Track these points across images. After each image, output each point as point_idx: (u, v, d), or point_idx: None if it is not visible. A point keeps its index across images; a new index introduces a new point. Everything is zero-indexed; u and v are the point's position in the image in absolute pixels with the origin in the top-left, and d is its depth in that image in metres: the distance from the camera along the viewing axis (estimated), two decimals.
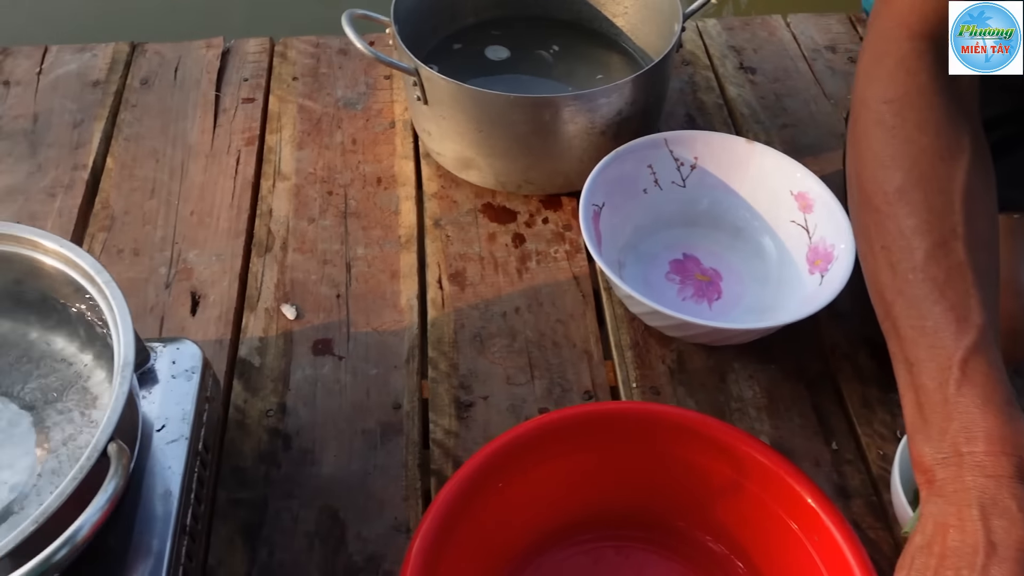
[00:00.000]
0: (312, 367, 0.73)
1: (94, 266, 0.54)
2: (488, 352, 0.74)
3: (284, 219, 0.84)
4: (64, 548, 0.42)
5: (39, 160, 0.89)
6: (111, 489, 0.43)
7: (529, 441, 0.59)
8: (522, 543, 0.61)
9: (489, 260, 0.81)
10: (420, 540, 0.54)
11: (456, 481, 0.56)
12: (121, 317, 0.52)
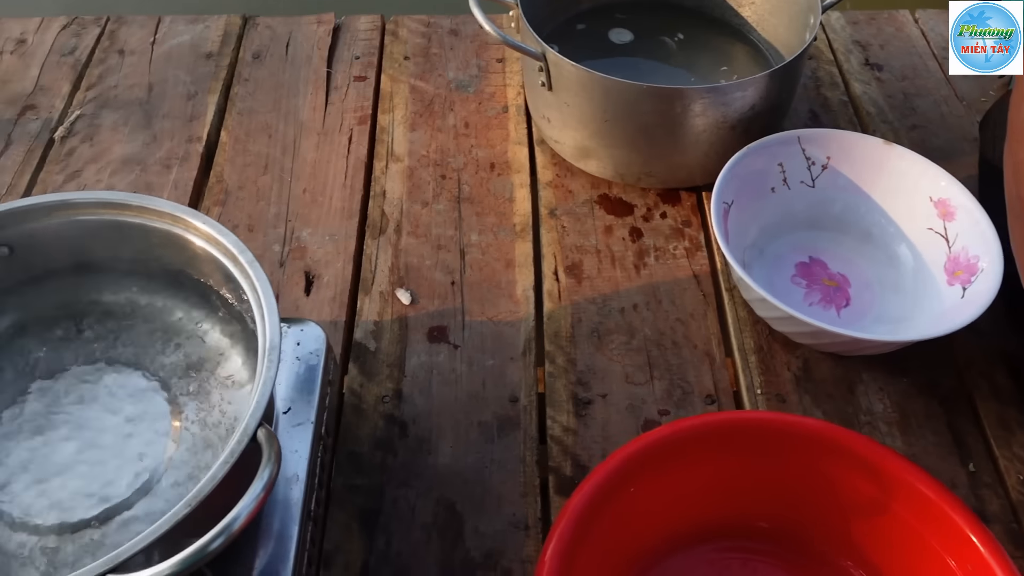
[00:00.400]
0: (428, 354, 0.72)
1: (237, 245, 0.53)
2: (606, 349, 0.72)
3: (398, 201, 0.83)
4: (219, 538, 0.41)
5: (154, 131, 0.89)
6: (266, 476, 0.42)
7: (666, 446, 0.57)
8: (647, 548, 0.59)
9: (606, 254, 0.79)
10: (556, 541, 0.52)
11: (592, 482, 0.55)
12: (266, 299, 0.51)
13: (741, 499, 0.59)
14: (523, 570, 0.61)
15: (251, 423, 0.46)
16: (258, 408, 0.46)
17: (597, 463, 0.66)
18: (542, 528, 0.63)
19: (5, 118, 0.90)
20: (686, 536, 0.60)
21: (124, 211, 0.55)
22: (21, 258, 0.56)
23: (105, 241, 0.56)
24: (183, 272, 0.57)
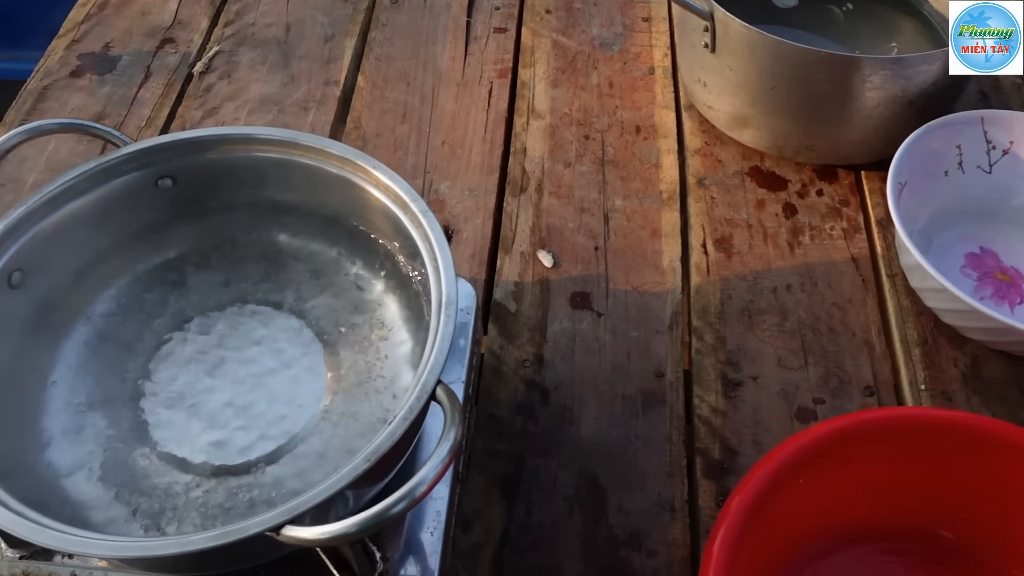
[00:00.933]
0: (570, 320, 0.69)
1: (410, 193, 0.51)
2: (757, 329, 0.69)
3: (539, 160, 0.80)
4: (402, 502, 0.39)
5: (292, 72, 0.87)
6: (452, 439, 0.40)
7: (843, 437, 0.53)
8: (806, 544, 0.56)
9: (758, 229, 0.75)
10: (725, 530, 0.49)
11: (764, 470, 0.51)
12: (440, 250, 0.48)
13: (914, 502, 0.55)
14: (668, 554, 0.58)
15: (430, 380, 0.43)
16: (436, 364, 0.44)
17: (748, 448, 0.63)
18: (689, 512, 0.60)
19: (144, 50, 0.89)
20: (846, 534, 0.57)
21: (295, 150, 0.53)
22: (184, 192, 0.55)
23: (272, 180, 0.54)
24: (347, 218, 0.55)
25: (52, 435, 0.49)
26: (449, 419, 0.41)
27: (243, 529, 0.39)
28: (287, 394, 0.52)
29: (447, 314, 0.46)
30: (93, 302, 0.54)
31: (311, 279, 0.56)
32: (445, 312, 0.46)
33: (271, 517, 0.39)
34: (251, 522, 0.39)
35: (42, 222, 0.51)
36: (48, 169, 0.78)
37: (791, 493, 0.53)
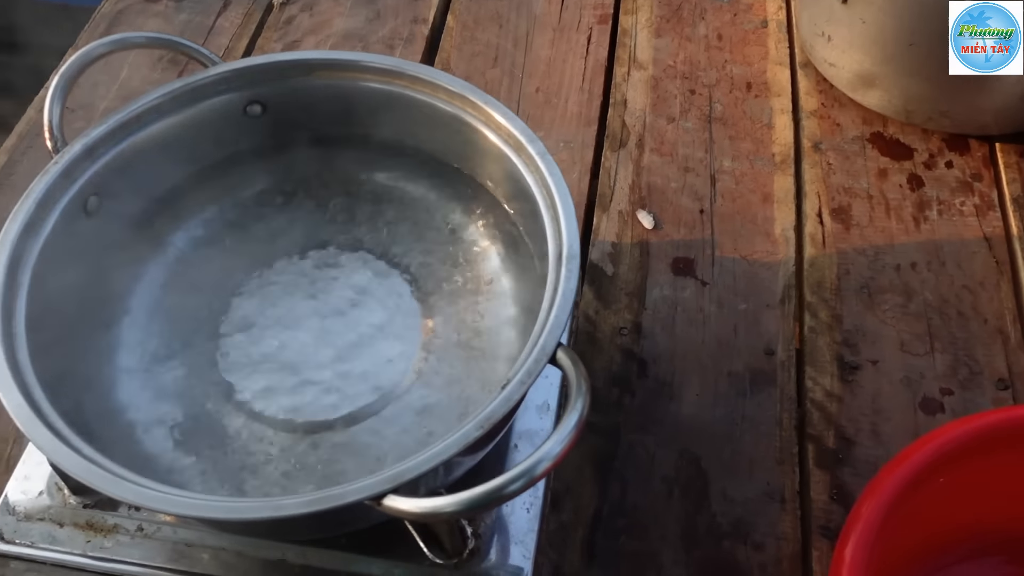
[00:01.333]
0: (671, 288, 0.64)
1: (526, 133, 0.46)
2: (878, 309, 0.63)
3: (640, 113, 0.74)
4: (519, 481, 0.34)
5: (377, 7, 0.82)
6: (578, 412, 0.35)
7: (994, 433, 0.47)
8: (938, 549, 0.50)
9: (879, 200, 0.68)
10: (861, 532, 0.44)
11: (906, 461, 0.46)
12: (561, 198, 0.43)
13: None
14: (776, 548, 0.53)
15: (549, 341, 0.38)
16: (556, 324, 0.39)
17: (865, 438, 0.57)
18: (800, 504, 0.54)
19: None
20: (978, 544, 0.51)
21: (400, 80, 0.48)
22: (274, 120, 0.50)
23: (372, 112, 0.49)
24: (450, 159, 0.50)
25: (124, 379, 0.46)
26: (575, 387, 0.36)
27: (340, 496, 0.34)
28: (376, 348, 0.47)
29: (568, 269, 0.40)
30: (170, 236, 0.50)
31: (406, 224, 0.51)
32: (567, 266, 0.41)
33: (372, 484, 0.34)
34: (350, 488, 0.34)
35: (122, 144, 0.47)
36: (120, 96, 0.74)
37: (927, 496, 0.47)
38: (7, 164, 0.71)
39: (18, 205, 0.43)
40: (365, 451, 0.44)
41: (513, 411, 0.39)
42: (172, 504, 0.35)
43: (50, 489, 0.47)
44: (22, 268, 0.42)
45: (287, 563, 0.45)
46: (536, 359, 0.38)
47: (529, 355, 0.38)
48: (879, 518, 0.44)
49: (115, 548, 0.45)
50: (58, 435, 0.36)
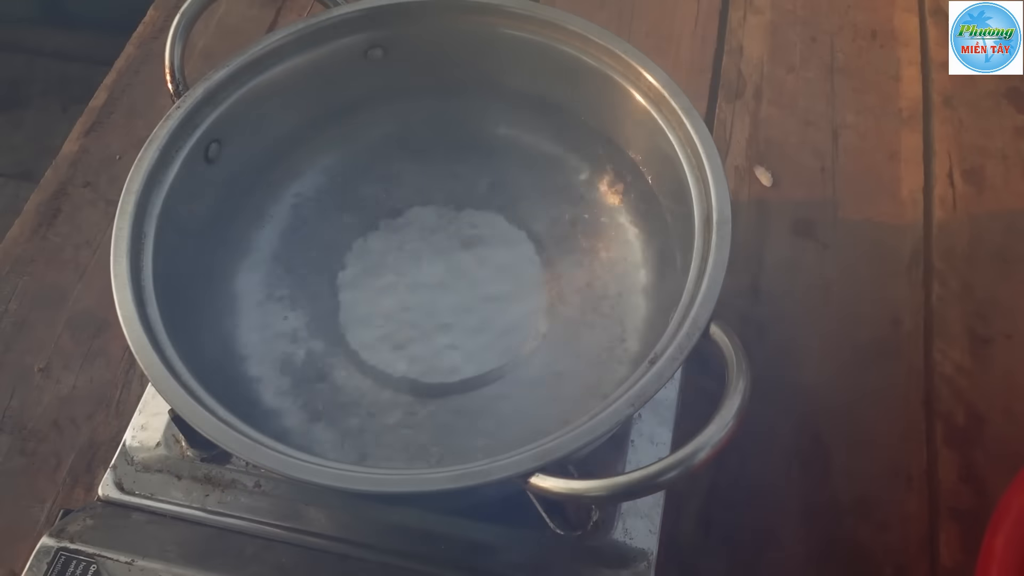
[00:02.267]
0: (791, 250, 0.61)
1: (670, 87, 0.43)
2: (1013, 278, 0.59)
3: (757, 62, 0.70)
4: (674, 471, 0.32)
5: None
6: (741, 393, 0.33)
7: None
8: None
9: (1015, 161, 0.64)
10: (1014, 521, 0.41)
11: None
12: (709, 156, 0.40)
13: None
14: (903, 529, 0.51)
15: (701, 315, 0.36)
16: (709, 297, 0.37)
17: (998, 416, 0.54)
18: (927, 483, 0.52)
19: None
20: None
21: (534, 27, 0.45)
22: (396, 65, 0.48)
23: (503, 62, 0.46)
24: (584, 114, 0.47)
25: (244, 330, 0.45)
26: (735, 368, 0.34)
27: (487, 472, 0.33)
28: (498, 311, 0.46)
29: (720, 235, 0.38)
30: (289, 184, 0.48)
31: (533, 180, 0.48)
32: (718, 232, 0.38)
33: (519, 461, 0.33)
34: (496, 464, 0.33)
35: (243, 88, 0.45)
36: (219, 34, 0.73)
37: None
38: (107, 102, 0.70)
39: (141, 153, 0.42)
40: (489, 417, 0.43)
41: None
42: (311, 473, 0.33)
43: (167, 441, 0.46)
44: (148, 219, 0.41)
45: (407, 527, 0.44)
46: (688, 333, 0.36)
47: (679, 328, 0.36)
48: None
49: (233, 503, 0.45)
50: (193, 395, 0.35)
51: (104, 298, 0.59)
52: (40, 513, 0.52)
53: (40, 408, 0.56)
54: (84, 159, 0.67)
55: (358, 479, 0.33)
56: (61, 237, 0.63)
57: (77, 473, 0.53)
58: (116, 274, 0.38)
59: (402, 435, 0.43)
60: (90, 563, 0.41)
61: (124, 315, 0.37)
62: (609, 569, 0.42)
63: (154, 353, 0.36)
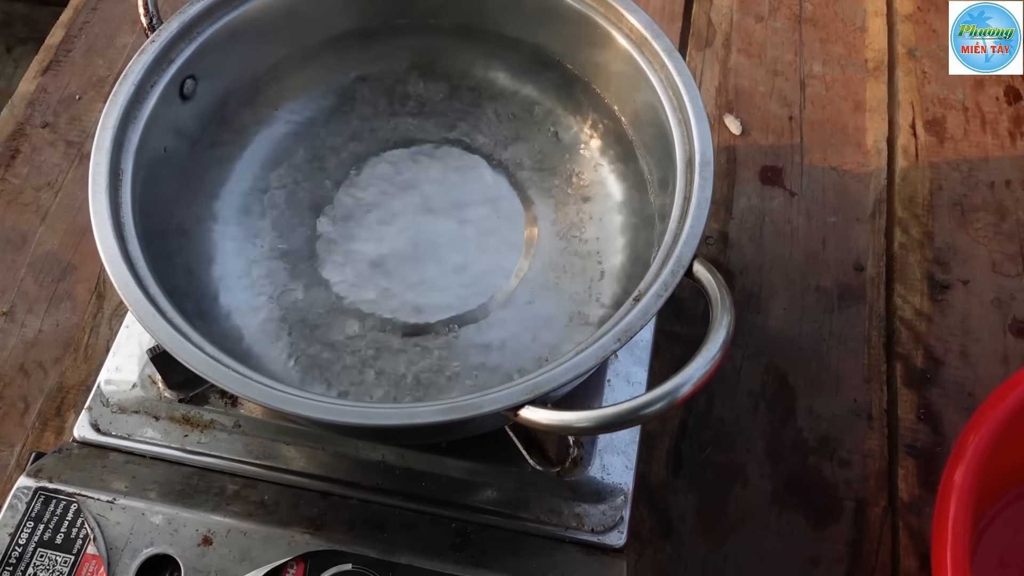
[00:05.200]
0: (759, 197, 0.62)
1: (652, 29, 0.43)
2: (970, 227, 0.61)
3: (727, 10, 0.70)
4: (659, 403, 0.33)
5: None
6: (725, 328, 0.34)
7: None
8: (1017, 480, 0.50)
9: (975, 113, 0.66)
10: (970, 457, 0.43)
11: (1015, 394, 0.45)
12: (691, 99, 0.41)
13: None
14: (863, 466, 0.53)
15: (685, 252, 0.37)
16: (692, 235, 0.37)
17: (954, 359, 0.56)
18: (887, 422, 0.54)
19: None
20: None
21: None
22: (377, 3, 0.47)
23: (483, 4, 0.46)
24: (568, 59, 0.47)
25: (227, 275, 0.44)
26: (719, 304, 0.35)
27: (477, 405, 0.33)
28: (479, 251, 0.46)
29: (703, 176, 0.39)
30: (266, 122, 0.47)
31: (514, 123, 0.48)
32: (700, 173, 0.39)
33: (510, 395, 0.34)
34: (487, 398, 0.33)
35: (218, 23, 0.44)
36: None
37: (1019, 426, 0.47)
38: (64, 39, 0.67)
39: (116, 87, 0.41)
40: (470, 358, 0.43)
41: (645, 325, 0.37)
42: (303, 407, 0.34)
43: (143, 382, 0.46)
44: (124, 155, 0.40)
45: (386, 464, 0.44)
46: (672, 271, 0.36)
47: (663, 266, 0.37)
48: (987, 447, 0.44)
49: (212, 443, 0.45)
50: (180, 332, 0.35)
51: (68, 240, 0.59)
52: (10, 457, 0.52)
53: (5, 352, 0.55)
54: (42, 98, 0.65)
55: (349, 412, 0.34)
56: (20, 179, 0.61)
57: (46, 417, 0.53)
58: (95, 211, 0.37)
59: (387, 373, 0.43)
60: (71, 502, 0.41)
61: (105, 251, 0.36)
62: (587, 503, 0.43)
63: (139, 290, 0.35)
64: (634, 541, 0.50)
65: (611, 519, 0.43)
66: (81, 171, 0.61)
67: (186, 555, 0.40)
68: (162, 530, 0.40)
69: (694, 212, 0.38)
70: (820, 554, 0.50)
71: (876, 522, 0.51)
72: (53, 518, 0.40)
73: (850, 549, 0.50)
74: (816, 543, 0.50)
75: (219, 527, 0.40)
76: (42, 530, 0.40)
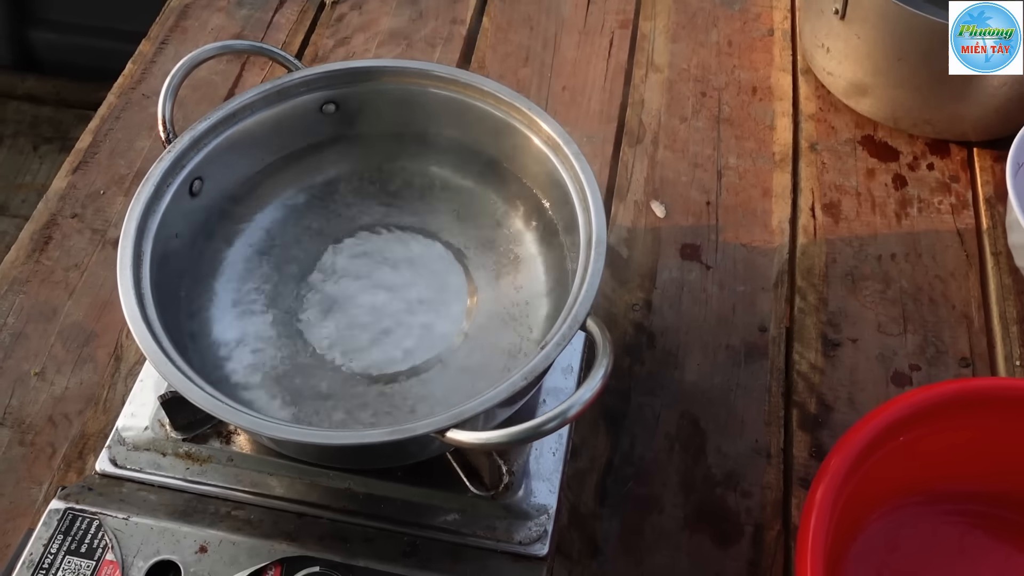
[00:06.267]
0: (679, 270, 0.72)
1: (563, 136, 0.54)
2: (859, 294, 0.71)
3: (656, 112, 0.82)
4: (553, 421, 0.42)
5: (420, 8, 0.90)
6: (604, 369, 0.44)
7: (947, 401, 0.56)
8: (888, 499, 0.59)
9: (866, 197, 0.77)
10: (830, 479, 0.53)
11: (870, 423, 0.54)
12: (591, 192, 0.52)
13: (1004, 467, 0.58)
14: (762, 496, 0.62)
15: (581, 311, 0.47)
16: (587, 298, 0.48)
17: (843, 405, 0.66)
18: (783, 459, 0.64)
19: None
20: (935, 494, 0.60)
21: (457, 87, 0.56)
22: (346, 118, 0.59)
23: (432, 115, 0.58)
24: (497, 158, 0.59)
25: (222, 327, 0.54)
26: (602, 348, 0.45)
27: (413, 429, 0.43)
28: (430, 315, 0.56)
29: (597, 252, 0.49)
30: (258, 213, 0.58)
31: (458, 211, 0.59)
32: (595, 250, 0.49)
33: (439, 420, 0.43)
34: (420, 424, 0.43)
35: (221, 136, 0.55)
36: (191, 86, 0.83)
37: (888, 452, 0.56)
38: (92, 144, 0.79)
39: (140, 188, 0.52)
40: (422, 400, 0.53)
41: (549, 367, 0.48)
42: (280, 431, 0.44)
43: (153, 425, 0.56)
44: (145, 240, 0.50)
45: (352, 491, 0.54)
46: (570, 325, 0.47)
47: (564, 322, 0.47)
48: (845, 468, 0.53)
49: (209, 474, 0.54)
50: (188, 377, 0.45)
51: (91, 312, 0.69)
52: (38, 494, 0.61)
53: (36, 406, 0.65)
54: (72, 194, 0.76)
55: (316, 435, 0.44)
56: (52, 261, 0.72)
57: (70, 460, 0.62)
58: (122, 283, 0.48)
59: (353, 413, 0.53)
60: (93, 519, 0.50)
61: (130, 316, 0.47)
62: (517, 520, 0.53)
63: (155, 345, 0.46)
64: (564, 560, 0.59)
65: (536, 533, 0.52)
66: (104, 254, 0.72)
67: (186, 561, 0.49)
68: (167, 541, 0.50)
69: (589, 280, 0.48)
70: (723, 570, 0.59)
71: (771, 543, 0.60)
72: (79, 532, 0.50)
73: (749, 566, 0.59)
74: (720, 561, 0.59)
75: (213, 538, 0.50)
76: (69, 542, 0.50)
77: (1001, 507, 0.60)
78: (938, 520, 0.60)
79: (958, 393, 0.57)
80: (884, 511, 0.59)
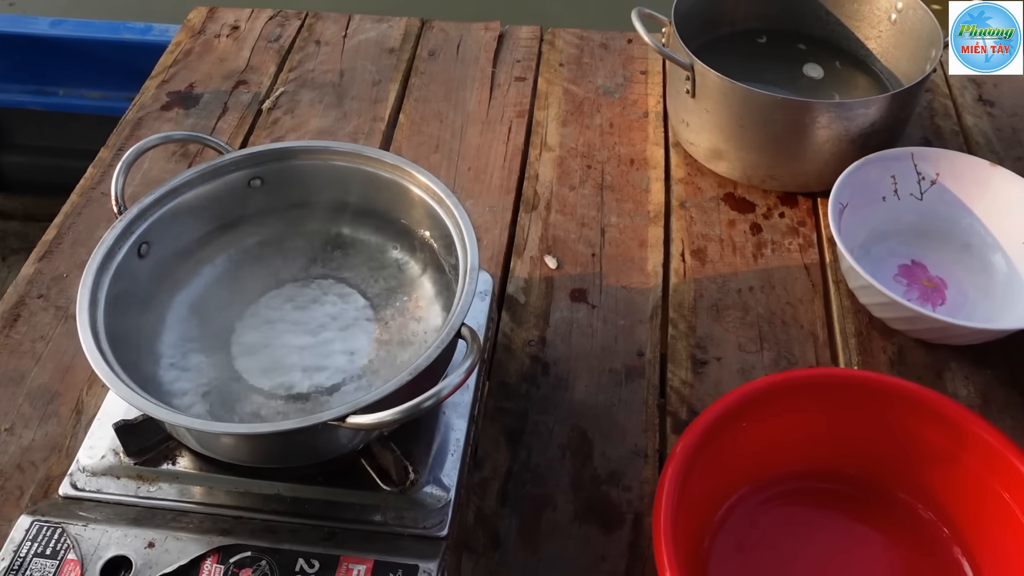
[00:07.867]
0: (569, 311, 0.84)
1: (445, 190, 0.67)
2: (723, 321, 0.83)
3: (549, 184, 0.96)
4: (430, 400, 0.53)
5: (344, 109, 1.04)
6: (471, 359, 0.55)
7: (776, 390, 0.67)
8: (744, 481, 0.70)
9: (728, 243, 0.90)
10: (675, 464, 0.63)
11: (706, 418, 0.65)
12: (467, 232, 0.64)
13: (832, 449, 0.69)
14: (640, 489, 0.72)
15: (457, 321, 0.59)
16: (462, 311, 0.59)
17: None
18: (659, 459, 0.74)
19: (222, 90, 1.07)
20: (781, 477, 0.71)
21: (358, 159, 0.69)
22: (270, 190, 0.71)
23: (340, 183, 0.70)
24: (395, 214, 0.71)
25: (166, 362, 0.65)
26: (468, 348, 0.56)
27: (319, 416, 0.54)
28: (344, 345, 0.67)
29: (471, 277, 0.61)
30: (197, 271, 0.70)
31: (366, 261, 0.71)
32: (470, 276, 0.61)
33: (341, 409, 0.54)
34: (325, 412, 0.54)
35: (164, 208, 0.67)
36: (143, 183, 0.95)
37: (729, 437, 0.67)
38: (56, 236, 0.91)
39: (95, 251, 0.63)
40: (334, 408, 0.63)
41: (438, 365, 0.58)
42: (213, 427, 0.54)
43: (109, 455, 0.65)
44: (100, 292, 0.61)
45: (280, 495, 0.63)
46: (448, 332, 0.58)
47: (444, 330, 0.58)
48: (692, 446, 0.64)
49: (158, 491, 0.64)
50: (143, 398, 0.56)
51: (55, 375, 0.79)
52: (9, 529, 0.69)
53: (6, 457, 0.74)
54: (38, 278, 0.87)
55: (241, 428, 0.54)
56: (20, 335, 0.82)
57: (36, 499, 0.71)
58: (81, 327, 0.58)
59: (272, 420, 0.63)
60: (57, 527, 0.59)
61: (89, 353, 0.57)
62: (423, 510, 0.62)
63: (113, 375, 0.56)
64: (471, 554, 0.68)
65: (437, 519, 0.62)
66: (67, 327, 0.83)
67: (137, 554, 0.58)
68: (120, 540, 0.59)
69: (464, 297, 0.60)
70: (608, 553, 0.69)
71: (648, 528, 0.70)
72: (44, 539, 0.59)
73: (630, 547, 0.69)
74: (605, 545, 0.69)
75: (159, 536, 0.59)
76: (37, 546, 0.59)
77: (838, 482, 0.70)
78: (788, 497, 0.70)
79: (786, 381, 0.68)
80: (743, 492, 0.69)
